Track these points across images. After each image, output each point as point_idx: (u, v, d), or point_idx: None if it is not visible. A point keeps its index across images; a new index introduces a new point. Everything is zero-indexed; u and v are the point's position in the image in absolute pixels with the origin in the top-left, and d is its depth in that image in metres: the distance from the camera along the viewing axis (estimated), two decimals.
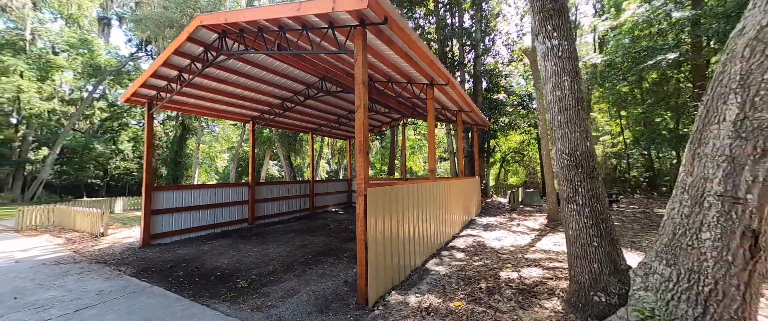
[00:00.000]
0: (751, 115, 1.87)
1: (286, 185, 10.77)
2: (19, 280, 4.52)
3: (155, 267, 5.20)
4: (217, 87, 7.17)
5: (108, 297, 3.85)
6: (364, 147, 3.57)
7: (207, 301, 3.73)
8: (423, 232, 5.06)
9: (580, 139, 2.76)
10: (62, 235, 8.21)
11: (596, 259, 2.61)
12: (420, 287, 3.87)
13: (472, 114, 8.99)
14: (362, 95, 3.61)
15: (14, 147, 24.51)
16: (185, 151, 31.57)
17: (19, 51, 23.87)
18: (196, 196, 7.88)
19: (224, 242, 6.99)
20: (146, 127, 6.85)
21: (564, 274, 3.98)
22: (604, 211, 2.71)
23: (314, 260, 5.35)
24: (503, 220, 8.92)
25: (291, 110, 9.17)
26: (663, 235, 2.30)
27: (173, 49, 5.39)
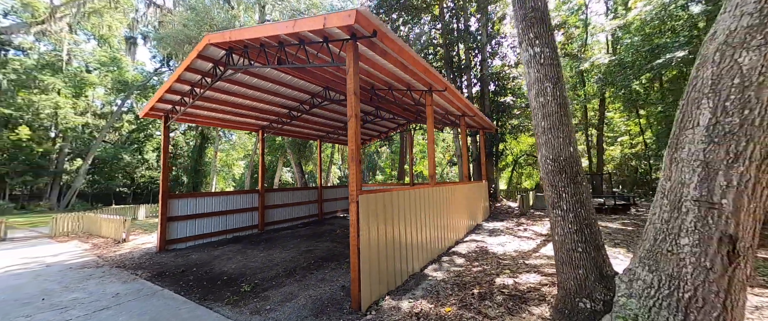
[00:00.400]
0: (723, 120, 1.85)
1: (294, 192, 11.07)
2: (48, 283, 4.93)
3: (169, 271, 5.51)
4: (227, 99, 7.57)
5: (123, 299, 4.14)
6: (356, 155, 3.70)
7: (211, 304, 3.94)
8: (422, 237, 5.10)
9: (564, 144, 2.77)
10: (89, 240, 8.82)
11: (581, 265, 2.59)
12: (414, 293, 3.91)
13: (476, 118, 8.96)
14: (354, 105, 3.77)
15: (52, 158, 26.52)
16: (204, 159, 32.97)
17: (56, 71, 25.98)
18: (209, 203, 8.28)
19: (234, 247, 7.28)
20: (163, 139, 7.32)
21: None
22: (589, 217, 2.69)
23: (316, 265, 5.49)
24: (510, 225, 8.76)
25: (298, 119, 9.49)
26: (645, 240, 2.27)
27: (185, 66, 5.78)
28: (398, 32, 16.06)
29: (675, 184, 2.08)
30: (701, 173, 1.93)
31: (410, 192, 4.82)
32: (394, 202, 4.32)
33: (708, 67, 1.94)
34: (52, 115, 25.12)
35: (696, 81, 2.01)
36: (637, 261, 2.32)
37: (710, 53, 1.94)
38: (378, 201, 3.95)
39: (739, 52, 1.81)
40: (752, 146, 1.77)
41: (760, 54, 1.74)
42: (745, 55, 1.79)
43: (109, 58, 28.72)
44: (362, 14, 3.39)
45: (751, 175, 1.78)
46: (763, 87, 1.74)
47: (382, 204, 4.04)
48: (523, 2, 3.08)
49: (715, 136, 1.88)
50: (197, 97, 6.47)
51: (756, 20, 1.76)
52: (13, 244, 8.74)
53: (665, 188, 2.15)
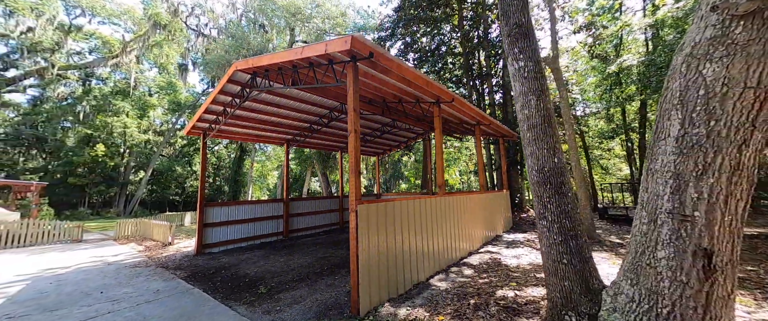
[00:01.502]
0: (690, 131, 1.82)
1: (316, 200, 11.65)
2: (107, 279, 5.83)
3: (202, 272, 6.19)
4: (255, 117, 8.40)
5: (162, 295, 4.78)
6: (356, 167, 3.98)
7: (231, 303, 4.40)
8: (428, 247, 5.17)
9: (548, 155, 2.77)
10: (143, 243, 10.12)
11: (566, 277, 2.54)
12: (414, 301, 4.01)
13: (492, 126, 8.82)
14: (354, 121, 4.07)
15: (121, 171, 30.71)
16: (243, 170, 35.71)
17: (126, 96, 30.34)
18: (240, 211, 9.09)
19: (259, 253, 7.90)
20: (201, 153, 8.30)
21: None
22: (575, 228, 2.63)
23: (328, 271, 5.80)
24: (532, 237, 8.35)
25: (318, 132, 10.11)
26: (629, 253, 2.22)
27: (218, 90, 6.61)
28: (418, 44, 16.38)
29: (651, 195, 2.04)
30: (673, 185, 1.89)
31: (414, 202, 4.96)
32: (396, 212, 4.49)
33: (676, 78, 1.92)
34: (121, 133, 29.29)
35: (667, 92, 1.99)
36: (621, 274, 2.26)
37: (678, 65, 1.93)
38: (379, 211, 4.17)
39: (703, 64, 1.79)
40: (721, 158, 1.73)
41: (723, 65, 1.71)
42: (708, 66, 1.77)
43: (166, 83, 32.90)
44: (358, 39, 3.73)
45: (722, 187, 1.73)
46: (727, 98, 1.70)
47: (383, 214, 4.24)
48: (508, 18, 3.18)
49: (684, 148, 1.85)
50: (229, 116, 7.29)
51: (718, 31, 1.74)
52: (86, 245, 10.33)
53: (643, 199, 2.11)
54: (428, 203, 5.35)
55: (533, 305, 3.33)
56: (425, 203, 5.25)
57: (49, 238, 10.83)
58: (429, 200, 5.45)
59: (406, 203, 4.77)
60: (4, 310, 4.32)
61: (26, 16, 22.92)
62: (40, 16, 23.06)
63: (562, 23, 14.19)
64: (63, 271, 6.63)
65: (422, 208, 5.17)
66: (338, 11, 22.55)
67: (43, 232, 10.75)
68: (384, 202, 4.31)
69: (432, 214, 5.41)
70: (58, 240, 11.03)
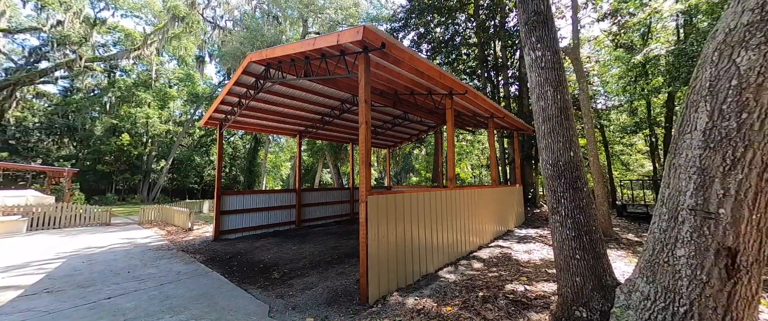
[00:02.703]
0: (719, 124, 1.72)
1: (328, 191, 11.84)
2: (133, 260, 6.21)
3: (219, 257, 6.48)
4: (269, 108, 8.55)
5: (183, 277, 5.06)
6: (366, 158, 4.01)
7: (246, 286, 4.60)
8: (438, 240, 5.18)
9: (563, 148, 2.68)
10: (165, 228, 10.65)
11: (579, 272, 2.49)
12: (422, 291, 4.06)
13: (506, 119, 8.60)
14: (365, 113, 4.08)
15: (144, 160, 32.20)
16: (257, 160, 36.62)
17: (147, 87, 31.49)
18: (255, 200, 9.38)
19: (273, 240, 8.16)
20: (218, 143, 8.56)
21: None
22: (589, 223, 2.56)
23: (339, 260, 5.93)
24: (545, 232, 8.20)
25: (330, 124, 10.19)
26: (646, 250, 2.15)
27: (234, 82, 6.75)
28: (432, 34, 16.04)
29: (673, 191, 1.96)
30: (697, 181, 1.81)
31: (424, 195, 4.96)
32: (406, 204, 4.51)
33: (707, 67, 1.81)
34: (144, 124, 30.56)
35: (696, 83, 1.88)
36: (637, 271, 2.20)
37: (709, 53, 1.81)
38: (388, 202, 4.20)
39: (737, 52, 1.68)
40: (751, 153, 1.63)
41: (760, 53, 1.60)
42: (743, 54, 1.65)
43: (185, 75, 33.87)
44: (370, 30, 3.69)
45: (752, 184, 1.64)
46: (763, 89, 1.59)
47: (393, 205, 4.27)
48: (526, 5, 3.06)
49: (711, 141, 1.75)
50: (244, 107, 7.46)
51: (757, 17, 1.62)
52: (114, 228, 10.99)
53: (664, 195, 2.03)
54: (438, 196, 5.34)
55: (543, 300, 3.30)
56: (435, 196, 5.24)
57: (81, 221, 11.59)
58: (439, 193, 5.43)
59: (416, 196, 4.77)
60: (43, 284, 4.70)
61: (55, 10, 24.01)
62: (68, 10, 24.09)
63: (585, 11, 13.48)
64: (94, 251, 7.11)
65: (432, 201, 5.16)
66: (351, 1, 22.33)
67: (76, 215, 11.50)
68: (394, 194, 4.34)
69: (442, 207, 5.40)
70: (89, 223, 11.78)
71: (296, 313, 3.58)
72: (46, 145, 28.32)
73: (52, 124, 27.87)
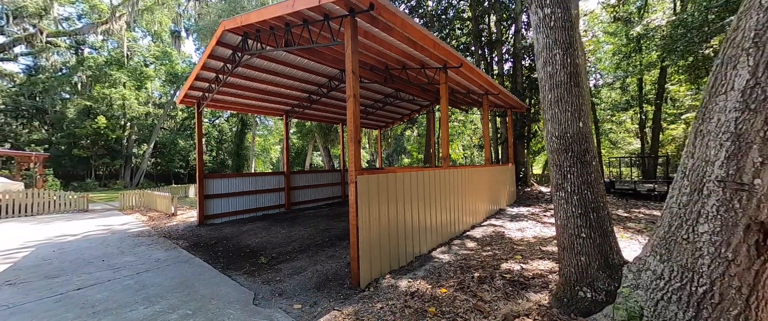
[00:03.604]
0: (764, 81, 1.47)
1: (318, 174, 11.52)
2: (110, 247, 5.85)
3: (203, 242, 6.19)
4: (251, 85, 7.96)
5: (163, 264, 4.77)
6: (355, 135, 3.68)
7: (231, 272, 4.36)
8: (431, 220, 5.02)
9: (572, 119, 2.43)
10: (147, 214, 10.21)
11: (583, 251, 2.33)
12: (416, 273, 3.91)
13: (501, 96, 8.31)
14: (352, 85, 3.70)
15: (123, 144, 30.74)
16: (245, 144, 35.64)
17: (121, 66, 29.42)
18: (241, 183, 9.00)
19: (261, 224, 7.90)
20: (197, 124, 7.99)
21: None
22: (597, 200, 2.37)
23: (329, 243, 5.74)
24: (537, 210, 8.22)
25: (317, 102, 9.68)
26: (659, 227, 1.97)
27: (208, 54, 6.14)
28: (424, 8, 15.21)
29: (698, 161, 1.74)
30: (730, 148, 1.58)
31: (417, 174, 4.71)
32: (397, 184, 4.26)
33: (752, 14, 1.52)
34: (121, 105, 28.84)
35: (736, 34, 1.60)
36: (648, 249, 2.03)
37: None
38: (380, 182, 3.94)
39: None
40: None
41: None
42: None
43: (162, 52, 31.70)
44: None
45: None
46: None
47: (384, 185, 4.02)
48: None
49: (751, 102, 1.51)
50: (222, 83, 6.87)
51: None
52: (92, 215, 10.47)
53: (687, 167, 1.81)
54: (431, 175, 5.11)
55: (541, 279, 3.20)
56: (428, 175, 5.01)
57: (55, 208, 10.98)
58: (432, 172, 5.20)
59: (409, 175, 4.53)
60: (6, 276, 4.34)
61: None
62: None
63: None
64: (68, 239, 6.69)
65: (425, 181, 4.94)
66: None
67: (49, 202, 10.87)
68: (385, 173, 4.07)
69: (435, 186, 5.20)
70: (65, 210, 11.19)
71: (283, 300, 3.38)
72: (13, 128, 26.51)
73: (18, 106, 25.94)
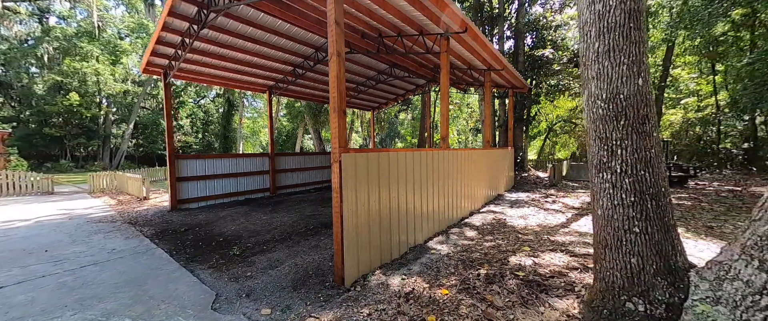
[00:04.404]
0: None
1: (306, 156, 10.79)
2: (61, 235, 5.12)
3: (172, 229, 5.51)
4: (226, 54, 7.02)
5: (116, 255, 4.09)
6: (339, 105, 2.98)
7: (195, 266, 3.74)
8: (427, 206, 4.45)
9: (628, 75, 1.80)
10: (118, 197, 9.38)
11: (636, 251, 1.78)
12: (411, 268, 3.36)
13: (504, 73, 7.61)
14: (336, 39, 2.96)
15: (100, 123, 28.95)
16: (232, 125, 34.27)
17: (93, 38, 27.14)
18: (219, 165, 8.22)
19: (241, 209, 7.23)
20: (164, 97, 7.07)
21: None
22: (658, 184, 1.80)
23: (314, 231, 5.15)
24: (537, 196, 7.79)
25: (303, 77, 8.79)
26: (759, 221, 1.39)
27: (167, 11, 5.18)
28: None
29: None
30: None
31: (412, 154, 4.08)
32: (390, 165, 3.63)
33: None
34: (95, 82, 26.84)
35: None
36: (736, 251, 1.47)
37: None
38: (369, 162, 3.29)
39: None
40: None
41: None
42: None
43: (137, 24, 29.32)
44: None
45: None
46: None
47: (375, 166, 3.37)
48: None
49: None
50: (188, 48, 5.94)
51: None
52: (57, 198, 9.57)
53: None
54: (429, 156, 4.49)
55: (561, 279, 2.68)
56: (425, 156, 4.39)
57: (15, 190, 10.01)
58: (431, 153, 4.57)
59: (403, 155, 3.89)
60: None
61: None
62: None
63: None
64: (17, 225, 5.90)
65: (422, 162, 4.31)
66: None
67: (8, 183, 9.87)
68: (376, 152, 3.42)
69: (433, 169, 4.59)
70: (27, 192, 10.23)
71: (250, 302, 2.78)
72: None
73: None
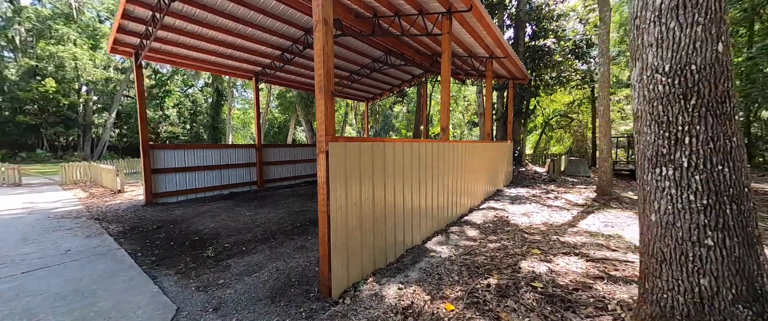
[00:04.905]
0: None
1: (296, 148, 10.23)
2: (12, 234, 4.52)
3: (143, 227, 4.96)
4: (205, 34, 6.37)
5: (69, 258, 3.56)
6: (326, 84, 2.49)
7: (160, 271, 3.24)
8: (425, 203, 4.02)
9: (703, 39, 1.36)
10: (90, 190, 8.70)
11: (708, 269, 1.39)
12: (408, 274, 2.94)
13: (507, 61, 7.17)
14: (322, 3, 2.44)
15: (80, 112, 27.52)
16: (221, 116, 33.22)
17: (69, 20, 25.54)
18: (200, 156, 7.62)
19: (224, 204, 6.71)
20: (136, 80, 6.41)
21: (622, 271, 2.75)
22: (740, 183, 1.39)
23: (301, 229, 4.69)
24: (537, 192, 7.47)
25: (292, 63, 8.17)
26: None
27: None
28: None
29: None
30: None
31: (410, 145, 3.62)
32: (386, 157, 3.17)
33: None
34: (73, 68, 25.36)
35: None
36: None
37: None
38: (362, 153, 2.83)
39: None
40: None
41: None
42: None
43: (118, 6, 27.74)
44: None
45: None
46: None
47: (369, 157, 2.91)
48: None
49: None
50: (159, 24, 5.29)
51: None
52: (24, 190, 8.83)
53: None
54: (429, 148, 4.04)
55: (588, 293, 2.29)
56: (423, 148, 3.94)
57: None
58: (431, 145, 4.13)
59: (400, 145, 3.43)
60: None
61: None
62: None
63: None
64: None
65: (421, 154, 3.87)
66: None
67: None
68: (370, 142, 2.95)
69: (431, 161, 4.15)
70: None
71: (217, 319, 2.32)
72: None
73: None
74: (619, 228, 4.31)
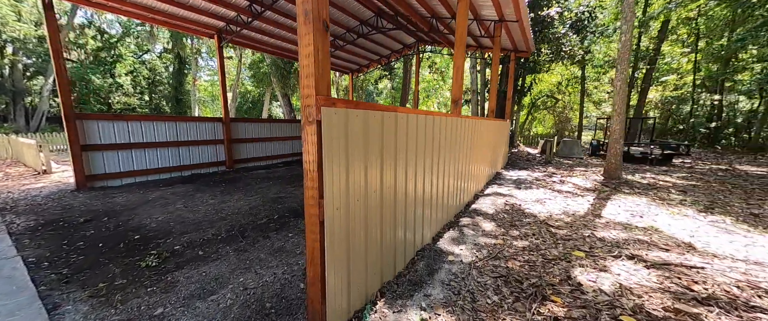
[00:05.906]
0: None
1: (272, 124, 8.96)
2: None
3: (65, 221, 3.78)
4: None
5: None
6: (316, 6, 1.48)
7: (68, 294, 2.23)
8: (437, 189, 3.23)
9: None
10: (8, 169, 7.02)
11: None
12: (429, 292, 2.18)
13: (519, 27, 6.27)
14: None
15: (5, 75, 23.26)
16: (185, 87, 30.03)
17: None
18: (149, 130, 6.22)
19: (182, 189, 5.53)
20: (46, 24, 4.80)
21: (702, 283, 2.16)
22: None
23: (279, 222, 3.76)
24: (539, 175, 6.99)
25: (263, 17, 6.72)
26: None
27: None
28: None
29: None
30: None
31: (424, 118, 2.73)
32: (397, 131, 2.27)
33: None
34: None
35: None
36: None
37: None
38: (368, 124, 1.90)
39: None
40: None
41: None
42: None
43: None
44: None
45: None
46: None
47: (378, 130, 1.99)
48: None
49: None
50: None
51: None
52: None
53: None
54: (440, 122, 3.15)
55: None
56: (437, 121, 3.05)
57: None
58: (446, 118, 3.27)
59: (414, 117, 2.53)
60: None
61: None
62: None
63: None
64: None
65: (436, 129, 3.01)
66: None
67: None
68: (380, 110, 2.02)
69: (444, 139, 3.31)
70: None
71: None
72: None
73: None
74: (650, 218, 3.83)
